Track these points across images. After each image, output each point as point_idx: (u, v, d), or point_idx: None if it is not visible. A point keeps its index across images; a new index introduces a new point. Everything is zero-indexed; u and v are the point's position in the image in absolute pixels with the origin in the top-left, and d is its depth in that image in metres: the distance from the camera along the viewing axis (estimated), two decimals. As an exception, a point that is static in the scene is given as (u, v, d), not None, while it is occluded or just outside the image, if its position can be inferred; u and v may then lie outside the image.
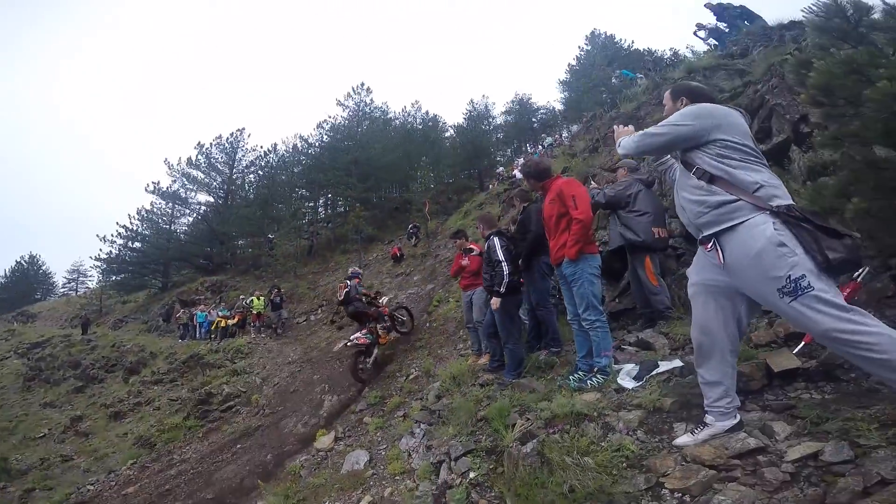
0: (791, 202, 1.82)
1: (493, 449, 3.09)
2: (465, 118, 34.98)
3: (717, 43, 11.56)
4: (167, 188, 28.04)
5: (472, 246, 5.88)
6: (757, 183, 1.85)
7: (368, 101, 29.93)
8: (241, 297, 17.90)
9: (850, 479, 1.50)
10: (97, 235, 26.43)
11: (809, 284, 1.64)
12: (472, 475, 2.98)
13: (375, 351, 8.18)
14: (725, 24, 11.57)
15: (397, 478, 3.91)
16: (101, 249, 27.17)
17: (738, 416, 2.12)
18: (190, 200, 28.76)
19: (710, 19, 11.96)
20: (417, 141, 30.61)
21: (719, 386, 2.10)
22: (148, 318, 23.77)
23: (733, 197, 1.88)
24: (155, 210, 28.40)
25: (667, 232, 4.67)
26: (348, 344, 7.89)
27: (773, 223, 1.75)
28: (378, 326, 8.36)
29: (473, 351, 5.96)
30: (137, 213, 28.04)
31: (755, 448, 1.94)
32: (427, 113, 37.11)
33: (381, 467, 4.38)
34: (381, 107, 32.28)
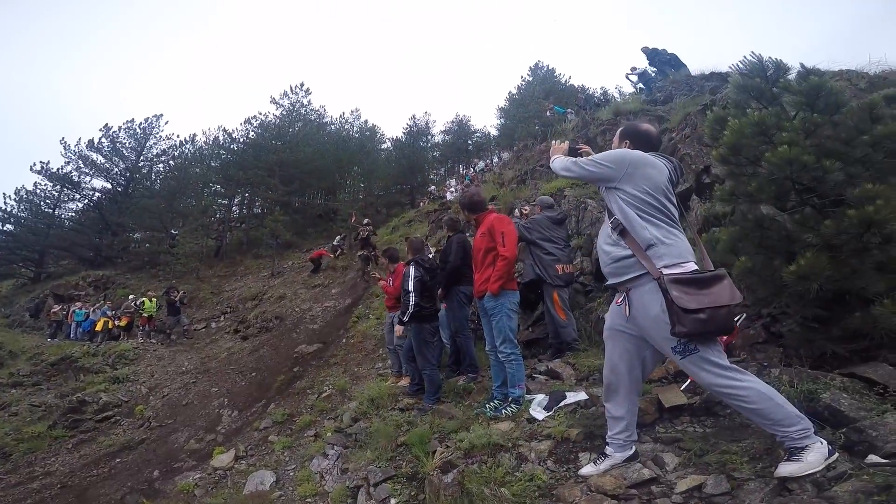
0: (674, 263, 1.97)
1: (413, 476, 3.08)
2: (404, 132, 34.96)
3: (643, 87, 12.50)
4: (58, 169, 24.70)
5: (396, 268, 5.87)
6: (650, 240, 2.03)
7: (305, 103, 28.96)
8: (131, 296, 15.98)
9: (727, 511, 1.72)
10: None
11: (696, 347, 1.90)
12: (392, 502, 2.94)
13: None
14: (655, 70, 12.50)
15: (308, 500, 3.75)
16: (-40, 229, 23.09)
17: (634, 448, 2.35)
18: (83, 185, 25.52)
19: (643, 62, 12.87)
20: (352, 149, 30.02)
21: (622, 421, 2.32)
22: (11, 311, 20.30)
23: (629, 253, 2.08)
24: (38, 192, 24.86)
25: (572, 268, 5.04)
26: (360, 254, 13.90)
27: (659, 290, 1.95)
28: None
29: (393, 372, 5.92)
30: (15, 194, 24.39)
31: (649, 478, 2.16)
32: (366, 122, 36.69)
33: (290, 489, 4.17)
34: (318, 110, 31.41)
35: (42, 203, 25.00)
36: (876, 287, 2.39)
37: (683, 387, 3.00)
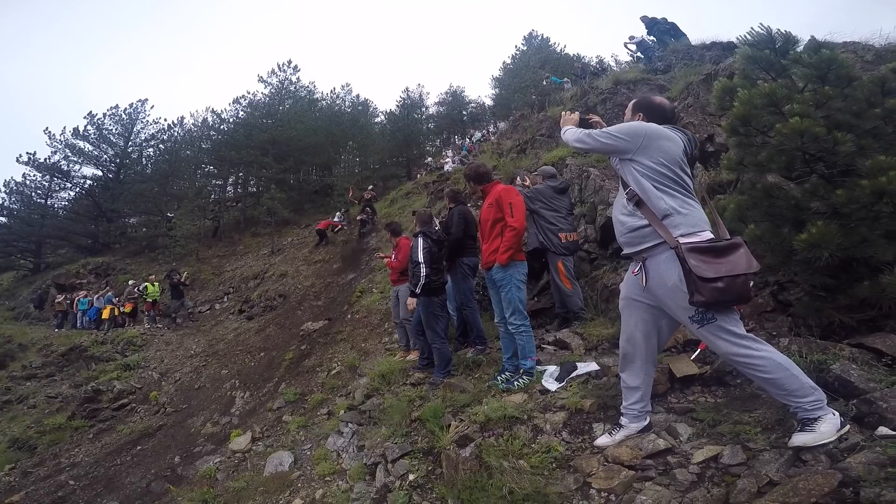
0: (691, 231, 1.99)
1: (429, 450, 3.16)
2: (398, 105, 34.28)
3: (641, 56, 12.28)
4: (45, 159, 24.31)
5: (399, 241, 5.86)
6: (667, 210, 2.04)
7: (294, 80, 28.17)
8: (132, 281, 15.99)
9: (745, 481, 1.79)
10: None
11: (714, 316, 1.93)
12: (411, 477, 3.03)
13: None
14: (653, 39, 12.25)
15: (328, 479, 3.84)
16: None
17: (648, 419, 2.41)
18: (73, 174, 25.18)
19: (642, 31, 12.58)
20: (345, 124, 29.48)
21: (637, 391, 2.36)
22: (15, 303, 20.38)
23: (645, 223, 2.09)
24: (28, 182, 24.52)
25: (576, 236, 5.03)
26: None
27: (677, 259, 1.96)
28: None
29: (401, 346, 5.99)
30: (5, 185, 24.12)
31: (664, 449, 2.22)
32: (358, 97, 36.00)
33: (309, 468, 4.28)
34: (308, 86, 30.60)
35: (33, 194, 24.75)
36: (885, 255, 2.41)
37: (694, 356, 3.05)
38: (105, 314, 14.24)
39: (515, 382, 3.44)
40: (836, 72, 2.57)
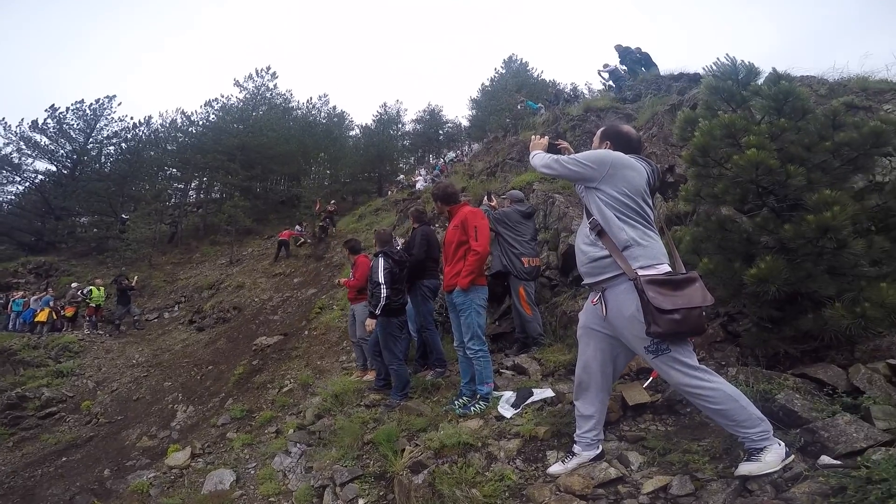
0: (649, 264, 2.00)
1: (381, 475, 3.04)
2: (374, 120, 34.32)
3: (612, 84, 12.61)
4: (-5, 151, 22.72)
5: (357, 259, 5.74)
6: (627, 241, 2.04)
7: (271, 86, 27.95)
8: (75, 284, 14.98)
9: (693, 513, 1.76)
10: None
11: (668, 347, 1.94)
12: (360, 502, 2.90)
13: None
14: (625, 68, 12.62)
15: (271, 499, 3.68)
16: None
17: (601, 447, 2.39)
18: (24, 168, 23.68)
19: (616, 60, 12.95)
20: (318, 135, 29.12)
21: (591, 419, 2.34)
22: (-59, 300, 18.66)
23: (606, 253, 2.09)
24: (-28, 173, 22.82)
25: (538, 262, 5.08)
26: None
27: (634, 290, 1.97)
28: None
29: (358, 366, 5.81)
30: (-53, 175, 22.28)
31: (616, 478, 2.19)
32: (334, 108, 35.74)
33: (252, 488, 4.08)
34: (285, 94, 30.34)
35: (-23, 186, 23.05)
36: (828, 290, 2.50)
37: (646, 384, 3.06)
38: (42, 317, 13.22)
39: (472, 408, 3.38)
40: (793, 104, 2.66)
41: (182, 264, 19.21)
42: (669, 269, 2.07)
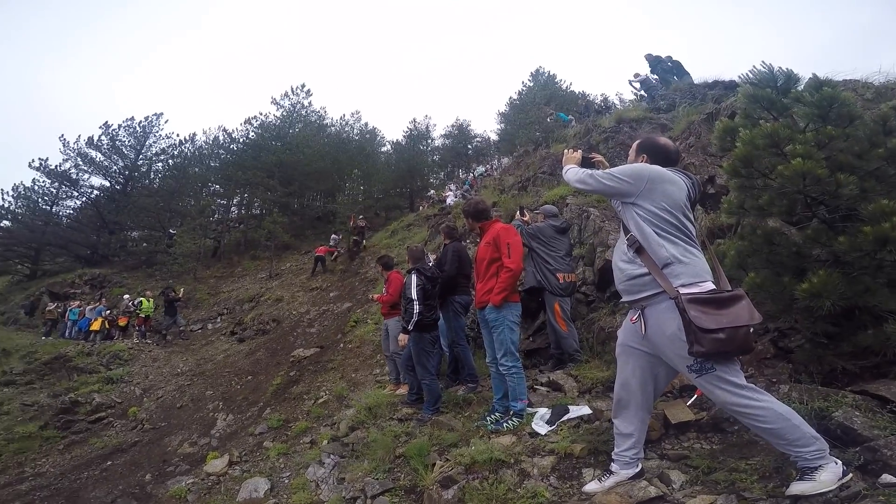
0: (692, 282, 1.92)
1: (412, 489, 3.01)
2: (404, 136, 34.81)
3: (644, 94, 12.29)
4: (56, 166, 24.49)
5: (390, 275, 5.81)
6: (668, 258, 1.96)
7: (306, 104, 28.94)
8: (127, 296, 15.86)
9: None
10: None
11: (713, 366, 1.85)
12: (390, 515, 2.87)
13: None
14: (656, 77, 12.29)
15: (303, 508, 3.66)
16: (-45, 224, 22.99)
17: (640, 466, 2.29)
18: (81, 183, 25.28)
19: (646, 69, 12.64)
20: (351, 152, 29.84)
21: (630, 438, 2.25)
22: (6, 308, 20.13)
23: (644, 271, 2.02)
24: (36, 188, 24.62)
25: (574, 278, 4.98)
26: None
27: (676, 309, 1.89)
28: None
29: (391, 379, 5.85)
30: (13, 190, 24.14)
31: (656, 496, 2.10)
32: (366, 125, 36.66)
33: (285, 496, 4.14)
34: (319, 111, 31.38)
35: (40, 200, 24.79)
36: (889, 304, 2.34)
37: (690, 402, 2.95)
38: (95, 326, 14.04)
39: (505, 424, 3.33)
40: (838, 111, 2.54)
41: (224, 278, 19.99)
42: (713, 286, 1.99)
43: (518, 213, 5.34)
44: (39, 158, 24.16)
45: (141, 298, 14.43)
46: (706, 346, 1.78)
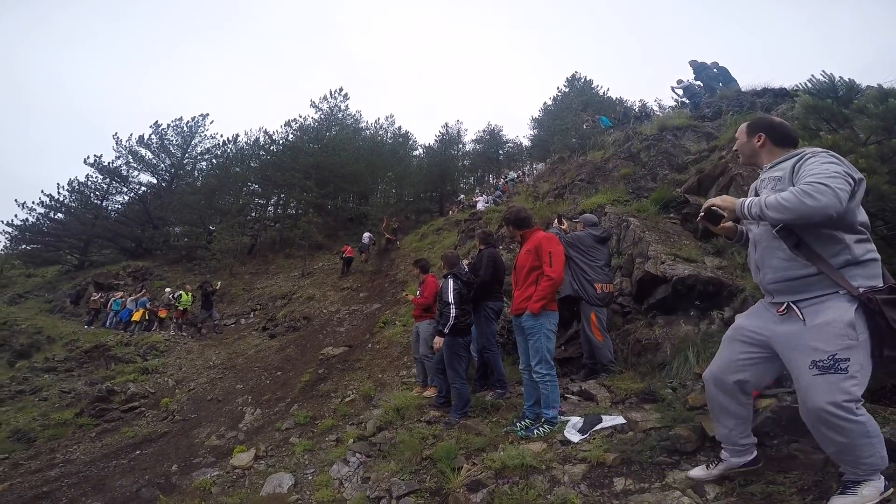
0: (873, 284, 1.79)
1: (437, 491, 3.01)
2: (436, 140, 35.06)
3: (686, 101, 11.92)
4: (109, 163, 25.96)
5: (426, 279, 5.83)
6: (844, 259, 1.81)
7: (343, 108, 29.64)
8: (168, 289, 16.53)
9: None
10: (15, 200, 24.04)
11: (847, 368, 1.72)
12: (416, 517, 2.87)
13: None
14: (701, 84, 11.98)
15: (325, 506, 3.68)
16: (16, 215, 24.69)
17: (755, 453, 2.19)
18: (130, 179, 26.71)
19: (690, 76, 12.29)
20: (385, 155, 30.31)
21: (730, 420, 2.15)
22: (54, 297, 21.31)
23: (814, 270, 1.84)
24: (89, 183, 26.13)
25: (611, 288, 4.88)
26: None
27: (855, 308, 1.76)
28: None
29: (418, 382, 5.86)
30: (68, 184, 25.70)
31: (690, 509, 2.04)
32: (399, 129, 37.13)
33: (308, 493, 4.14)
34: (355, 115, 32.08)
35: (91, 194, 26.21)
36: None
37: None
38: (136, 317, 14.68)
39: (535, 431, 3.31)
40: None
41: (259, 274, 20.55)
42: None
43: (556, 220, 5.27)
44: (95, 155, 25.67)
45: (181, 292, 15.01)
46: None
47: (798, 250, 1.89)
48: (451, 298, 4.28)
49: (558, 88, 34.26)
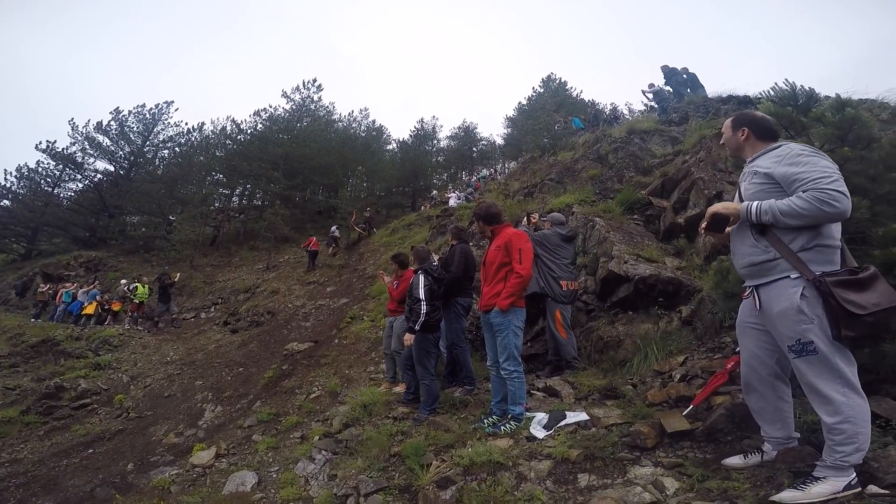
0: (831, 268, 1.89)
1: (406, 488, 3.00)
2: (411, 135, 34.85)
3: (656, 105, 12.28)
4: (63, 149, 24.50)
5: (405, 274, 5.77)
6: (801, 244, 1.93)
7: (316, 99, 29.08)
8: (124, 280, 15.74)
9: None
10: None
11: (815, 349, 1.85)
12: (384, 515, 2.85)
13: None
14: (670, 90, 12.32)
15: None
16: (-43, 203, 22.87)
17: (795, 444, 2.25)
18: (86, 166, 25.31)
19: (660, 81, 12.67)
20: (357, 148, 29.88)
21: (766, 414, 2.25)
22: (-2, 288, 19.99)
23: (772, 255, 1.98)
24: (39, 170, 24.62)
25: (576, 285, 5.00)
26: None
27: (804, 289, 1.88)
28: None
29: (387, 378, 5.82)
30: (16, 170, 24.18)
31: (650, 502, 2.15)
32: (374, 122, 36.76)
33: (272, 491, 4.05)
34: (327, 107, 31.48)
35: (42, 181, 24.75)
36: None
37: (686, 412, 2.96)
38: (90, 310, 13.94)
39: (502, 427, 3.35)
40: (857, 132, 2.52)
41: (221, 267, 19.88)
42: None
43: (525, 218, 5.34)
44: (47, 141, 24.20)
45: (136, 284, 14.34)
46: (858, 330, 1.78)
47: (761, 236, 2.03)
48: (421, 295, 4.25)
49: (534, 88, 34.75)
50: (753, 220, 2.02)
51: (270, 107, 28.05)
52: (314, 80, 28.47)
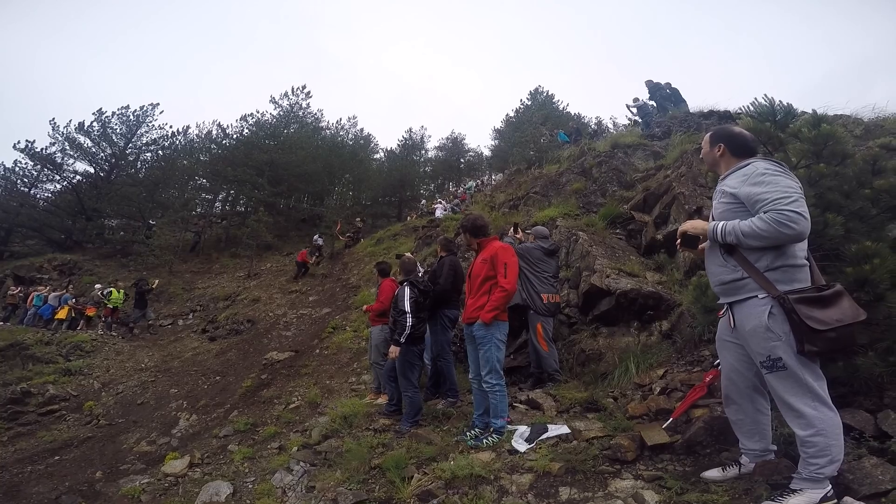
0: (795, 287, 1.94)
1: (386, 501, 2.95)
2: (399, 145, 34.95)
3: (640, 119, 12.49)
4: (42, 149, 23.69)
5: (383, 283, 5.75)
6: (766, 264, 1.98)
7: (304, 105, 28.91)
8: (98, 285, 15.28)
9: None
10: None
11: (784, 365, 1.90)
12: (363, 528, 2.79)
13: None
14: (654, 104, 12.53)
15: (267, 515, 3.53)
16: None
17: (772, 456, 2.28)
18: (65, 167, 24.49)
19: (645, 95, 12.85)
20: (344, 156, 29.68)
21: (745, 425, 2.27)
22: (-36, 290, 19.17)
23: (740, 275, 2.03)
24: (16, 170, 23.74)
25: (558, 298, 5.04)
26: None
27: (771, 307, 1.94)
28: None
29: (372, 388, 5.75)
30: (-8, 170, 23.21)
31: (630, 517, 2.12)
32: (361, 130, 36.64)
33: (247, 502, 3.98)
34: (315, 113, 31.33)
35: (19, 181, 23.89)
36: (861, 339, 2.43)
37: (665, 425, 2.99)
38: (62, 314, 13.47)
39: (484, 440, 3.33)
40: (832, 148, 2.57)
41: (201, 273, 19.47)
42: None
43: (511, 229, 5.38)
44: (27, 140, 23.48)
45: (111, 288, 13.94)
46: (819, 346, 1.84)
47: (729, 256, 2.09)
48: (407, 307, 4.22)
49: (521, 101, 35.07)
50: (719, 240, 2.07)
51: (258, 112, 27.91)
52: (303, 87, 28.40)
